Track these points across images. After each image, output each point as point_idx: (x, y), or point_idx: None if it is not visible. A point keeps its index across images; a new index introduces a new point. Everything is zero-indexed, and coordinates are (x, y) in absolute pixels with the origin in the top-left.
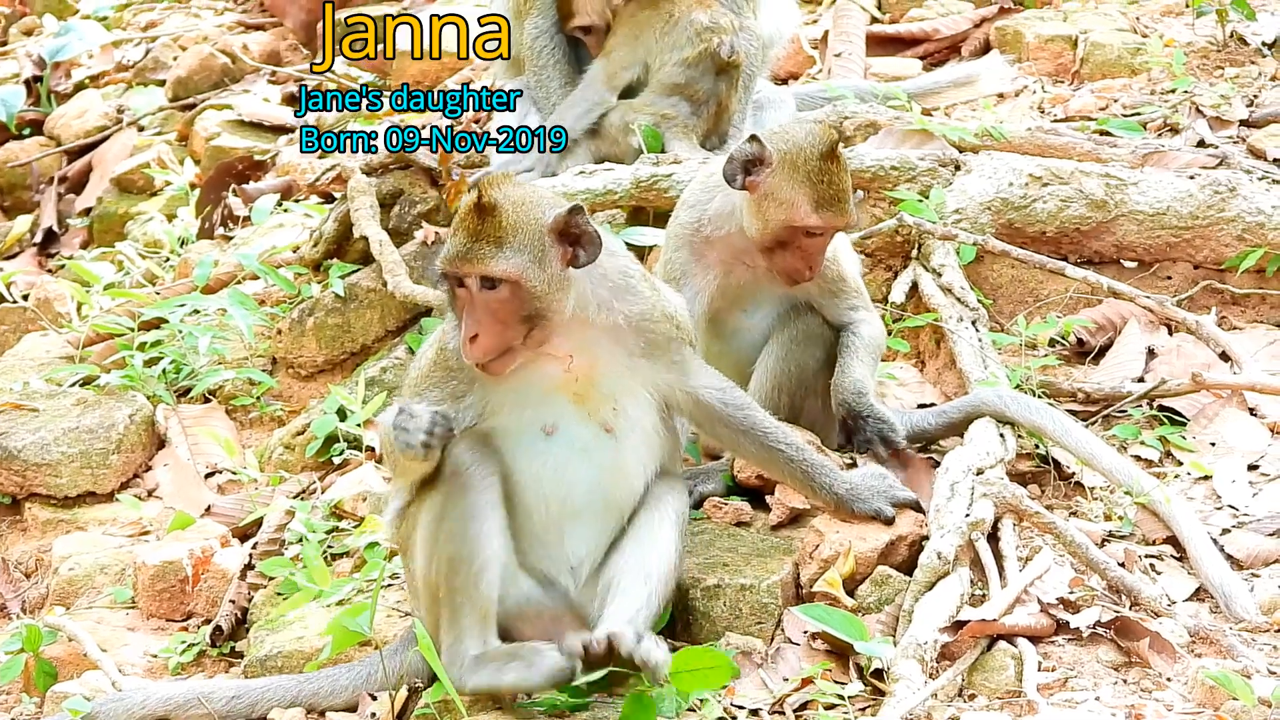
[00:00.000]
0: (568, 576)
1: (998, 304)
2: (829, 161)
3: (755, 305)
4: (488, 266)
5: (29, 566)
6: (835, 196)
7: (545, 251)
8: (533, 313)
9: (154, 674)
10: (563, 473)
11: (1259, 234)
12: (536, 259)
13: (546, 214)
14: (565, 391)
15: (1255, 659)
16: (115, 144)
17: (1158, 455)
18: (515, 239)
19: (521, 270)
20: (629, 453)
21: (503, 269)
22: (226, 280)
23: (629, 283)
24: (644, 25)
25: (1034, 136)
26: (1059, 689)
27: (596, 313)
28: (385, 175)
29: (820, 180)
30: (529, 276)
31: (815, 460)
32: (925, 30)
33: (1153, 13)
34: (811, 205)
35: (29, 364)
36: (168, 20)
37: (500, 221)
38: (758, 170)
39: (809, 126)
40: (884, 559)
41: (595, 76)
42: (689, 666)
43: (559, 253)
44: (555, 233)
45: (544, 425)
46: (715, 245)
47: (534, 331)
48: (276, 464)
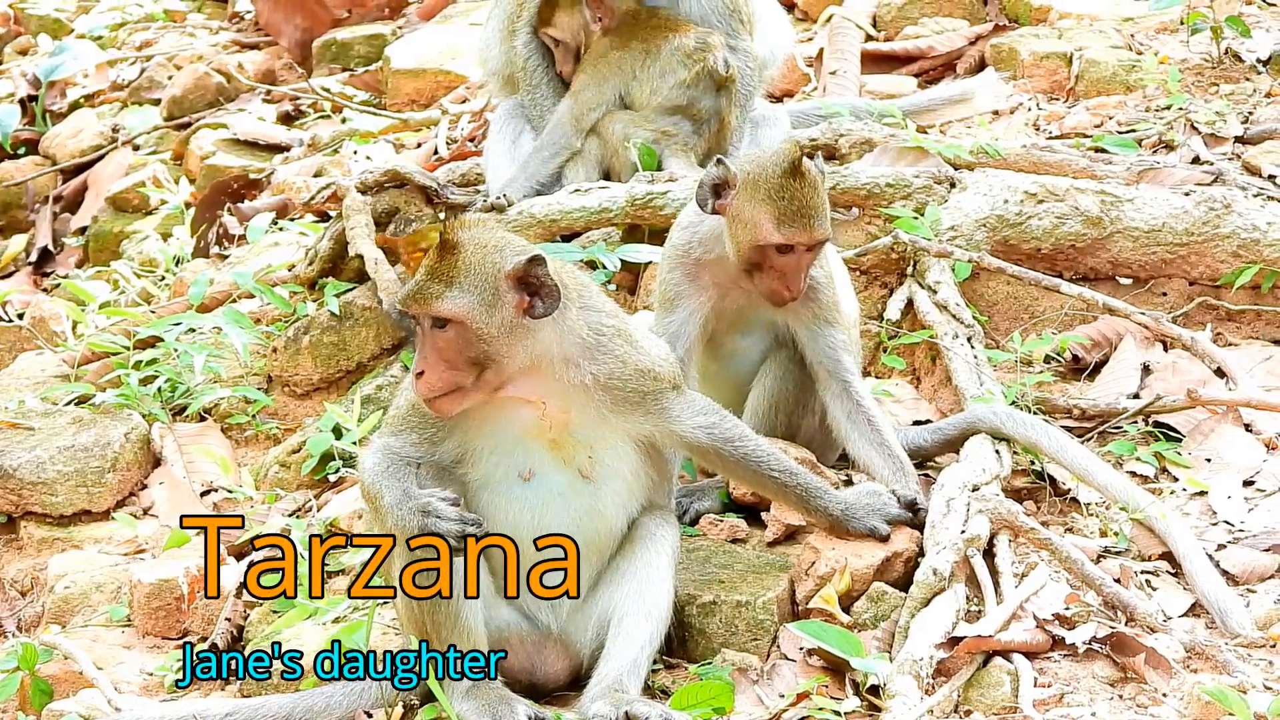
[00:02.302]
0: (548, 614)
1: (993, 321)
2: (791, 179)
3: (750, 329)
4: (434, 306)
5: (24, 585)
6: (798, 212)
7: (498, 297)
8: (480, 356)
9: (150, 692)
10: (540, 518)
11: (1254, 250)
12: (487, 303)
13: (506, 260)
14: (540, 438)
15: (1251, 674)
16: (110, 163)
17: (1153, 471)
18: (467, 280)
19: (468, 312)
20: (608, 498)
21: (449, 309)
22: (222, 299)
23: (600, 341)
24: (615, 66)
25: (1029, 154)
26: (1055, 705)
27: (564, 369)
28: (380, 194)
29: (782, 197)
30: (475, 319)
31: (810, 483)
32: (920, 48)
33: (1148, 30)
34: (774, 223)
35: (24, 383)
36: (163, 40)
37: (456, 261)
38: (726, 193)
39: (777, 147)
40: (880, 575)
41: (562, 118)
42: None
43: (515, 300)
44: (513, 280)
45: (521, 471)
46: (708, 268)
47: (485, 374)
48: (272, 482)
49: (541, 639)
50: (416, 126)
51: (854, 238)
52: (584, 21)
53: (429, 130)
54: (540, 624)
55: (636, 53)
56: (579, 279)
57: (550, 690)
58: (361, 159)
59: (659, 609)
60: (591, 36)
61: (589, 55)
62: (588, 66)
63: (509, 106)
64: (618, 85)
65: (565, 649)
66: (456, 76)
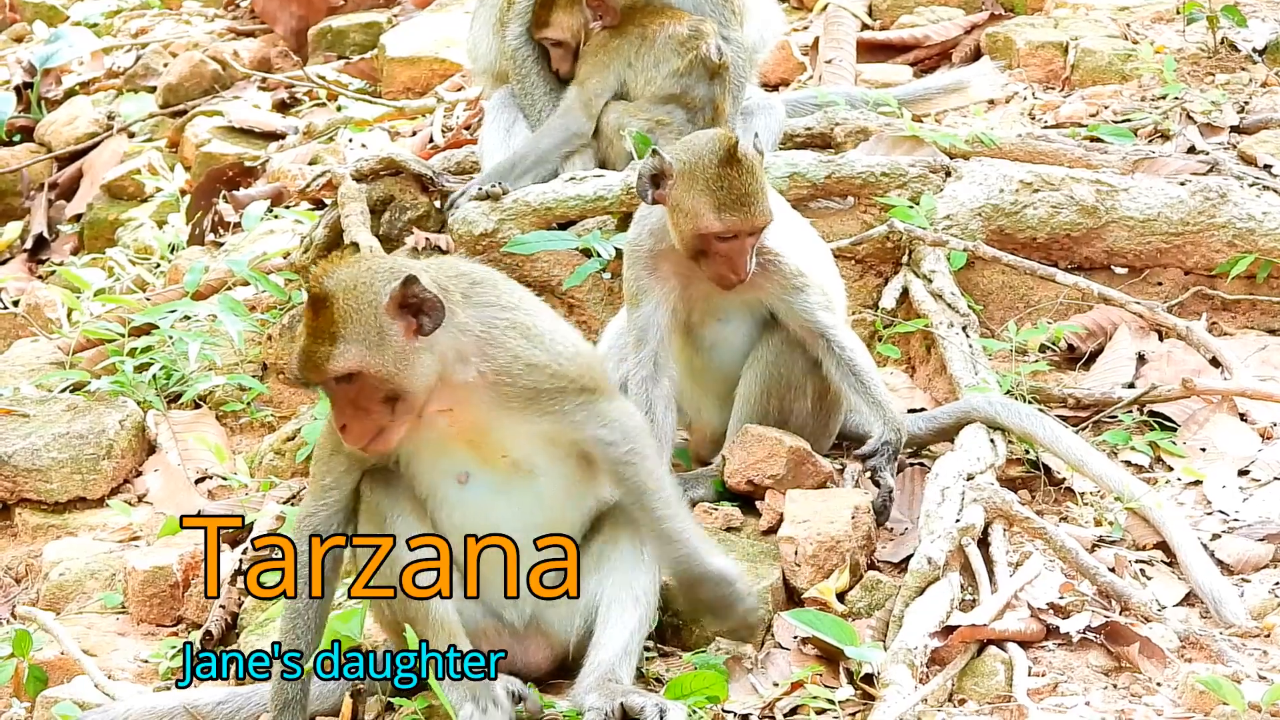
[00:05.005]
0: (511, 612)
1: (988, 310)
2: (727, 167)
3: (726, 314)
4: (328, 368)
5: (19, 572)
6: (736, 200)
7: (384, 332)
8: (390, 393)
9: (144, 679)
10: (487, 516)
11: (1249, 240)
12: (376, 344)
13: (381, 294)
14: (460, 442)
15: (1245, 664)
16: (106, 150)
17: (1148, 461)
18: (348, 329)
19: (362, 361)
20: (551, 489)
21: (343, 366)
22: (217, 286)
23: (492, 334)
24: (615, 53)
25: (1025, 143)
26: (1049, 694)
27: (461, 370)
28: (376, 181)
29: (720, 186)
30: (370, 364)
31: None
32: (916, 37)
33: (1143, 19)
34: (714, 212)
35: (19, 370)
36: (158, 27)
37: (332, 314)
38: (664, 183)
39: (709, 134)
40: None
41: (571, 104)
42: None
43: (402, 328)
44: (393, 310)
45: (456, 475)
46: (665, 258)
47: (399, 405)
48: (267, 469)
49: (517, 629)
50: (412, 114)
51: (849, 226)
52: (584, 21)
53: (424, 118)
54: (506, 620)
55: (633, 40)
56: (469, 277)
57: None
58: (357, 147)
59: (647, 594)
60: (590, 35)
61: (589, 46)
62: (589, 56)
63: (503, 95)
64: (620, 71)
65: (547, 639)
66: (452, 64)
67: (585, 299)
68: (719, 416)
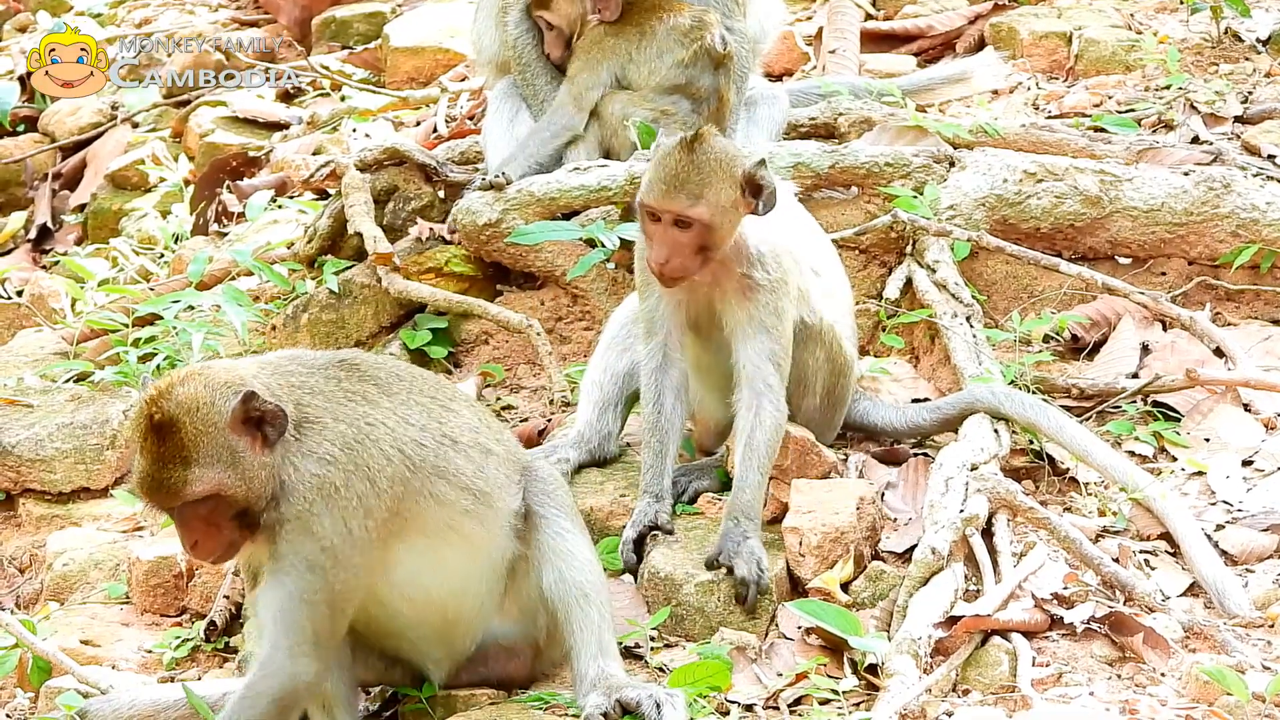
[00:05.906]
0: (432, 670)
1: (992, 300)
2: (681, 148)
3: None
4: (182, 494)
5: (23, 562)
6: (669, 179)
7: (234, 450)
8: (241, 510)
9: (148, 669)
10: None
11: (1253, 230)
12: (228, 463)
13: (223, 411)
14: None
15: (1249, 654)
16: (109, 140)
17: (1152, 451)
18: (200, 451)
19: (219, 482)
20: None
21: (201, 490)
22: (221, 276)
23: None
24: (609, 49)
25: (1028, 133)
26: (1053, 684)
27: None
28: (380, 171)
29: (663, 164)
30: (225, 485)
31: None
32: (920, 27)
33: (1147, 9)
34: (647, 184)
35: (23, 360)
36: (162, 17)
37: (179, 438)
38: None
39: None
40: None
41: (563, 100)
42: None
43: (248, 443)
44: (236, 427)
45: None
46: None
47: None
48: None
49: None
50: (416, 104)
51: (853, 216)
52: (582, 12)
53: (428, 108)
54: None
55: (631, 35)
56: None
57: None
58: (361, 137)
59: (591, 583)
60: (587, 26)
61: (583, 40)
62: (581, 52)
63: (506, 84)
64: (613, 68)
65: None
66: (456, 54)
67: (589, 289)
68: (723, 408)
